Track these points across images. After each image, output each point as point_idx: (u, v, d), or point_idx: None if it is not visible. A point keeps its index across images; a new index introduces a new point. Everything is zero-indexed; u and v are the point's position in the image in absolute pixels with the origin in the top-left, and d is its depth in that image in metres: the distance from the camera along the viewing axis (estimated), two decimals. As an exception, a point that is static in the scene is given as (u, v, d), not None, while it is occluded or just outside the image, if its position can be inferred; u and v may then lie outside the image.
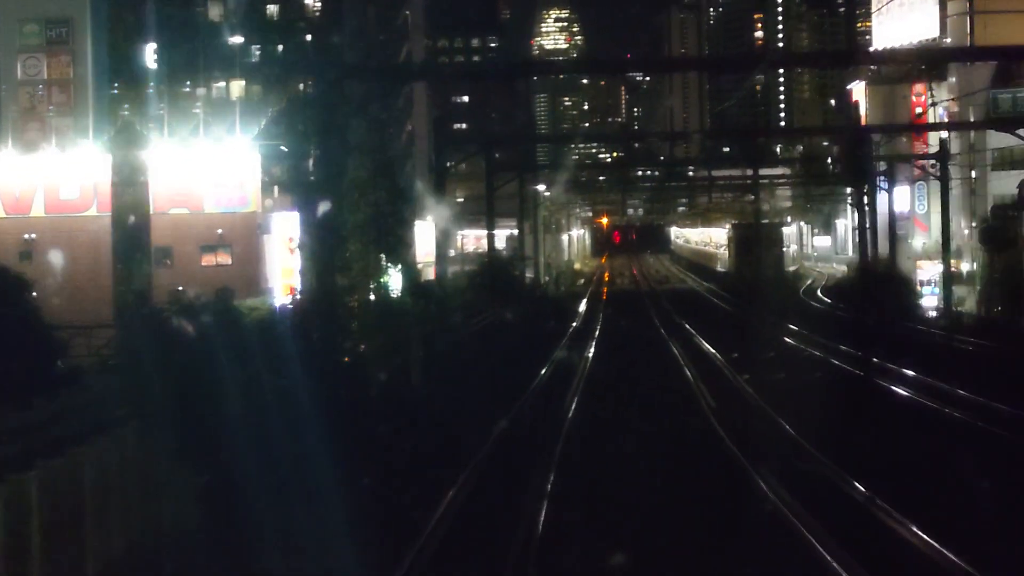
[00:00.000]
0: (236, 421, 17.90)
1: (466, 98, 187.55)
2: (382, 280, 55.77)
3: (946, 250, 60.00)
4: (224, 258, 67.26)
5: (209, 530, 17.54)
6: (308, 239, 63.71)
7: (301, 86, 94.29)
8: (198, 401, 17.23)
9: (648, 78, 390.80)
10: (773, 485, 20.65)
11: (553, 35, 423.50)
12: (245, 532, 17.24)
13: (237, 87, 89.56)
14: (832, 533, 17.29)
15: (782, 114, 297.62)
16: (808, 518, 18.32)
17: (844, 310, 63.31)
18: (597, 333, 53.64)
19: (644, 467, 23.27)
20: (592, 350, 45.03)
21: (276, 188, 75.70)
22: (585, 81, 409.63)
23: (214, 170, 66.85)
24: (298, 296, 58.21)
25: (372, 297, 53.82)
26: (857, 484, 20.70)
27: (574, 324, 59.49)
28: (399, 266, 58.99)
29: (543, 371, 38.07)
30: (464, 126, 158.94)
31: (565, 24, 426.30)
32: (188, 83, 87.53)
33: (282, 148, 78.23)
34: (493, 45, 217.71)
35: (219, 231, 66.82)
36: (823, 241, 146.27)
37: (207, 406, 17.39)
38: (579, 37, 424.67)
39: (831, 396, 31.72)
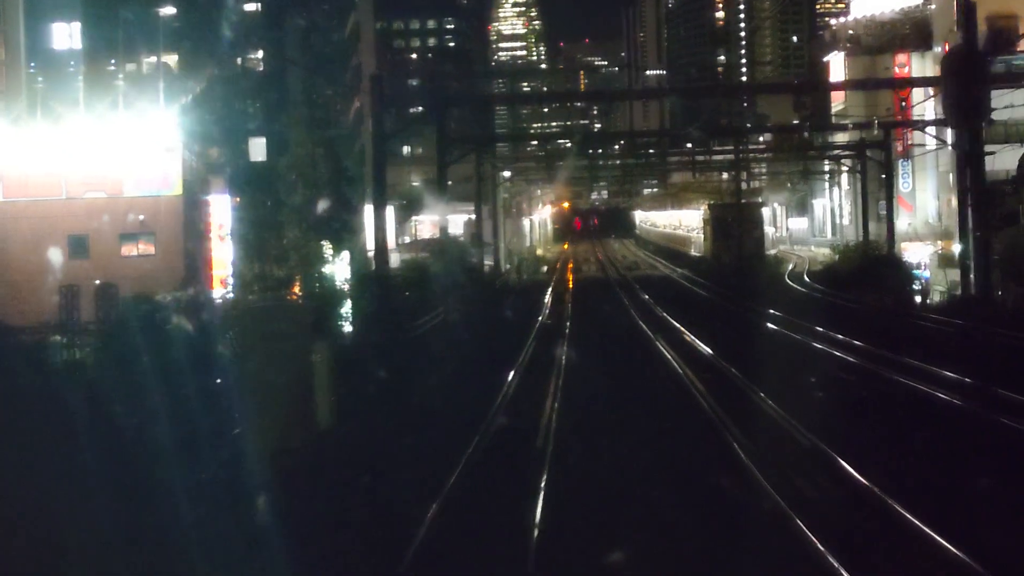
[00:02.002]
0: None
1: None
2: (323, 270, 48.87)
3: (963, 227, 53.39)
4: (147, 247, 60.95)
5: None
6: (239, 225, 56.73)
7: (239, 60, 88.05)
8: None
9: (607, 63, 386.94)
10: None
11: (511, 20, 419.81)
12: None
13: (170, 62, 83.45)
14: None
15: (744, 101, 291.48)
16: None
17: (847, 299, 56.18)
18: (568, 330, 45.88)
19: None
20: (564, 355, 36.73)
21: (205, 168, 68.95)
22: (544, 66, 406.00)
23: (135, 149, 60.88)
24: (230, 290, 51.79)
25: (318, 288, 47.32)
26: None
27: (540, 319, 51.84)
28: (343, 255, 52.30)
29: (503, 392, 28.74)
30: (420, 109, 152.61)
31: (523, 8, 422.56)
32: (113, 61, 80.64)
33: (211, 124, 71.64)
34: (450, 26, 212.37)
35: (141, 217, 60.53)
36: (799, 223, 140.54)
37: None
38: (537, 22, 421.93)
39: (920, 433, 22.40)
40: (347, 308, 44.84)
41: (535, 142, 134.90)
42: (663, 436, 23.01)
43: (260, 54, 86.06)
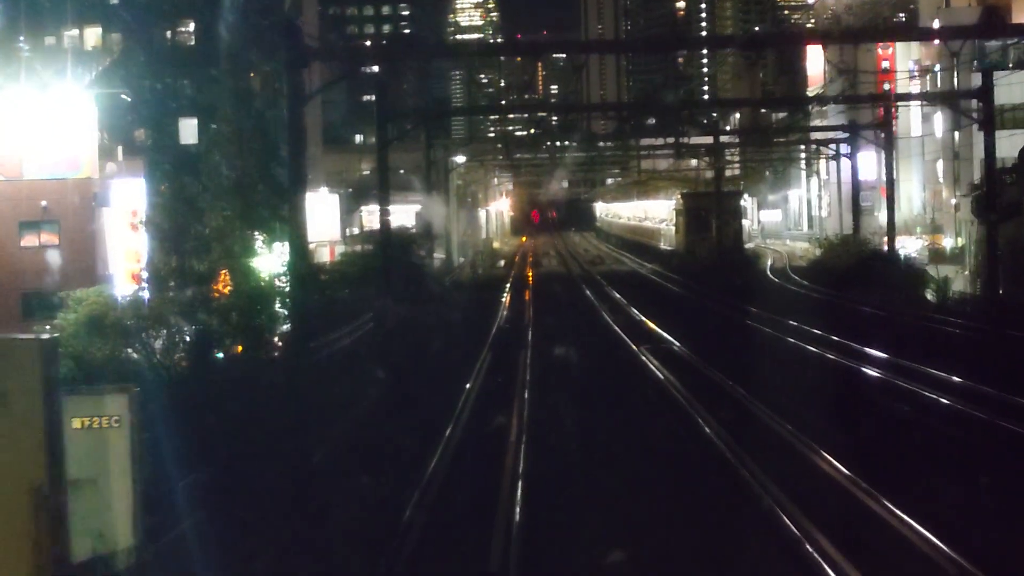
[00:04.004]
0: None
1: (375, 68, 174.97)
2: (252, 264, 42.13)
3: (993, 210, 47.12)
4: (50, 237, 54.62)
5: None
6: (154, 212, 49.49)
7: (168, 33, 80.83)
8: None
9: (565, 56, 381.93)
10: None
11: (468, 11, 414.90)
12: None
13: (93, 36, 77.06)
14: None
15: (705, 90, 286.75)
16: None
17: (858, 301, 49.10)
18: (531, 338, 38.55)
19: None
20: (528, 376, 28.82)
21: (120, 149, 62.00)
22: (503, 58, 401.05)
23: (38, 126, 54.61)
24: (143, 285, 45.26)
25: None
26: None
27: (496, 326, 44.15)
28: (275, 247, 45.59)
29: (438, 450, 20.26)
30: (372, 97, 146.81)
31: (480, 0, 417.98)
32: (23, 36, 74.05)
33: (134, 103, 64.81)
34: (404, 13, 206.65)
35: (43, 203, 54.20)
36: (772, 216, 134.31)
37: None
38: (495, 14, 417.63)
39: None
40: (277, 308, 38.73)
41: (492, 130, 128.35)
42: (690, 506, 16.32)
43: (192, 27, 79.22)
